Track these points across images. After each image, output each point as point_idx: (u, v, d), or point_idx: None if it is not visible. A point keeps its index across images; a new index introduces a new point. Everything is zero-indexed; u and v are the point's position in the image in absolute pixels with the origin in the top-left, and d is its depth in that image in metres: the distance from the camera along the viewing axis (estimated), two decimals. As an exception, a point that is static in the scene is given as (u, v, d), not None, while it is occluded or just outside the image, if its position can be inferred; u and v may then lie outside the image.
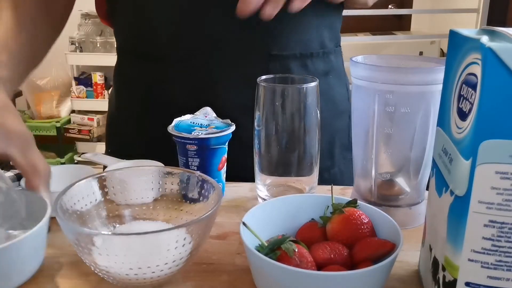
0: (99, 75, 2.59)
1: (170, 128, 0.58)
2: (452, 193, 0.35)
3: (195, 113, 0.62)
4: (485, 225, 0.32)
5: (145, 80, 0.71)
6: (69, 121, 2.72)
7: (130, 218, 0.50)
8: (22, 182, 0.55)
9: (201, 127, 0.58)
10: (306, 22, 0.68)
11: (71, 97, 2.69)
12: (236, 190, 0.63)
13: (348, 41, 1.99)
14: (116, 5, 0.71)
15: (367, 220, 0.43)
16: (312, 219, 0.46)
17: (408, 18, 3.00)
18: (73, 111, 2.74)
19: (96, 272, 0.41)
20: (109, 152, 0.79)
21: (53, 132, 2.61)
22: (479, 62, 0.31)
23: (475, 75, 0.32)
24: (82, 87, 2.67)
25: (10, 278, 0.42)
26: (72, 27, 2.53)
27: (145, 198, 0.50)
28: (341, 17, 0.76)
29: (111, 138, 0.81)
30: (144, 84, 0.71)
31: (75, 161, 2.65)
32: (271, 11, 0.51)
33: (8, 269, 0.41)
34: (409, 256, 0.46)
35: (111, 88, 0.83)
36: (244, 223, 0.41)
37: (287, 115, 0.55)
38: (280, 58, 0.67)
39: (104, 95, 2.62)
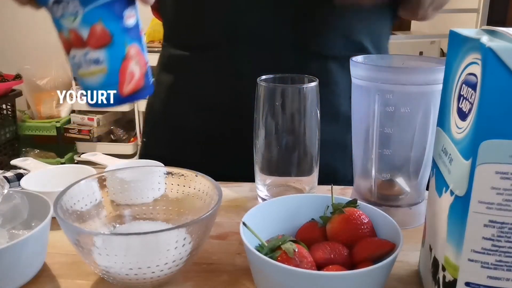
0: (99, 75, 2.59)
1: None
2: (452, 193, 0.35)
3: None
4: (485, 225, 0.32)
5: (179, 69, 0.73)
6: (69, 121, 2.72)
7: (130, 218, 0.50)
8: (22, 182, 0.55)
9: None
10: (347, 24, 0.67)
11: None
12: (236, 190, 0.63)
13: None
14: None
15: (367, 220, 0.43)
16: (312, 219, 0.46)
17: (408, 18, 3.00)
18: (73, 111, 2.74)
19: (96, 272, 0.41)
20: (143, 141, 0.81)
21: (53, 132, 2.60)
22: (479, 62, 0.31)
23: (475, 75, 0.32)
24: (82, 87, 2.67)
25: (12, 278, 0.42)
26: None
27: (145, 198, 0.50)
28: (388, 30, 0.75)
29: (146, 127, 0.83)
30: (173, 73, 0.73)
31: (75, 161, 2.66)
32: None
33: (11, 269, 0.41)
34: (409, 256, 0.46)
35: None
36: (244, 223, 0.41)
37: (287, 115, 0.55)
38: (320, 57, 0.67)
39: (104, 95, 2.63)
